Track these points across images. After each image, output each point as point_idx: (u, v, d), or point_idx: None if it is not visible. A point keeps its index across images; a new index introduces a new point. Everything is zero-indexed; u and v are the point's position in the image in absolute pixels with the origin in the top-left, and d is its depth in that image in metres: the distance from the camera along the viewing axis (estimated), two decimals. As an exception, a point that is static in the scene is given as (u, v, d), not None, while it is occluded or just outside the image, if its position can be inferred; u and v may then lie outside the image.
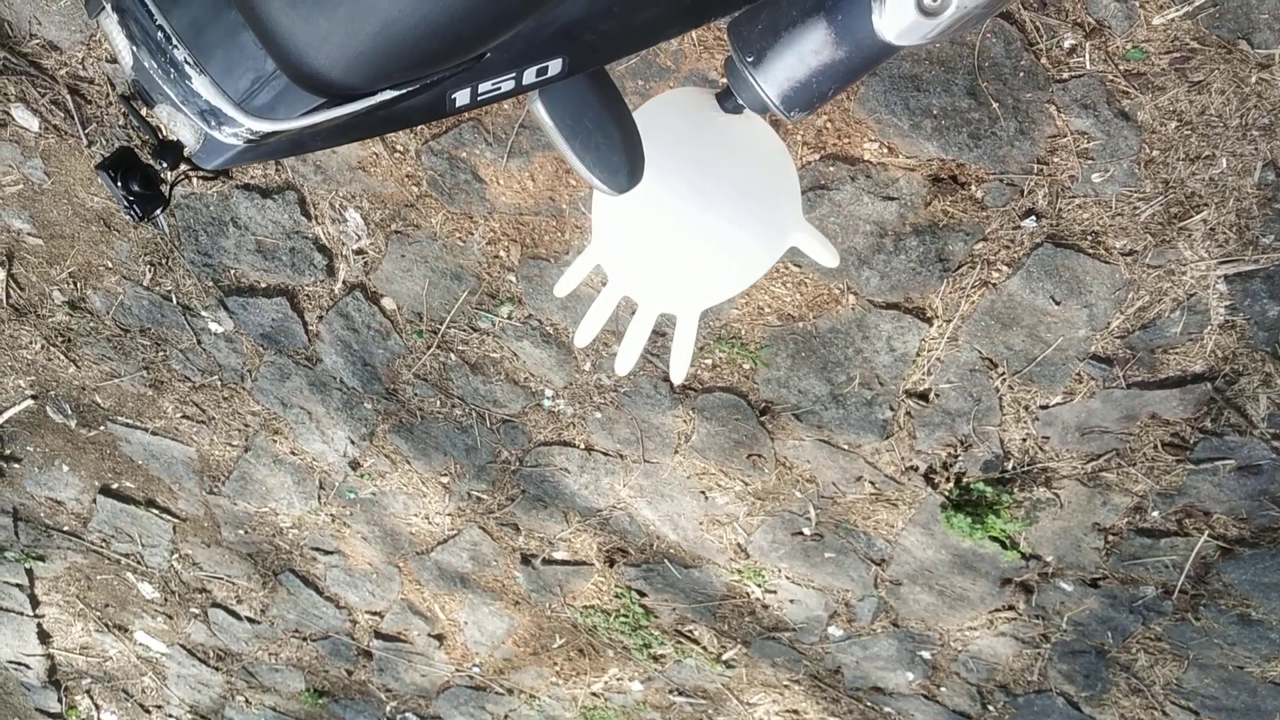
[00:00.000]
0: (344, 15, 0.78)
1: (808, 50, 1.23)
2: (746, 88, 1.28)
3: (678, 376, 1.48)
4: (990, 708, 3.44)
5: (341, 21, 0.79)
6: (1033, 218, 2.22)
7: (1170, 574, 2.79)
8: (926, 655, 3.34)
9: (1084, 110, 2.05)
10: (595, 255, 1.49)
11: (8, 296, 3.25)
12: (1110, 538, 2.77)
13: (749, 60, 1.27)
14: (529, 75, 0.97)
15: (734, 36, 1.29)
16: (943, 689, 3.44)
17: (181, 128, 1.07)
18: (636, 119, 1.35)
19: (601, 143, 1.09)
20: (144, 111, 1.09)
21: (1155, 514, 2.67)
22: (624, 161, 1.10)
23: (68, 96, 2.66)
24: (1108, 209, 2.16)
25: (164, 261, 2.97)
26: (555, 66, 0.96)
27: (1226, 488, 2.55)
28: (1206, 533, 2.66)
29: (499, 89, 0.98)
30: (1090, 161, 2.11)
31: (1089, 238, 2.22)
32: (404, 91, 0.91)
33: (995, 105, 2.07)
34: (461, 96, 0.98)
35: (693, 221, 1.37)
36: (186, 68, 0.88)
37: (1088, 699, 3.25)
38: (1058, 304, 2.32)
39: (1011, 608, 3.06)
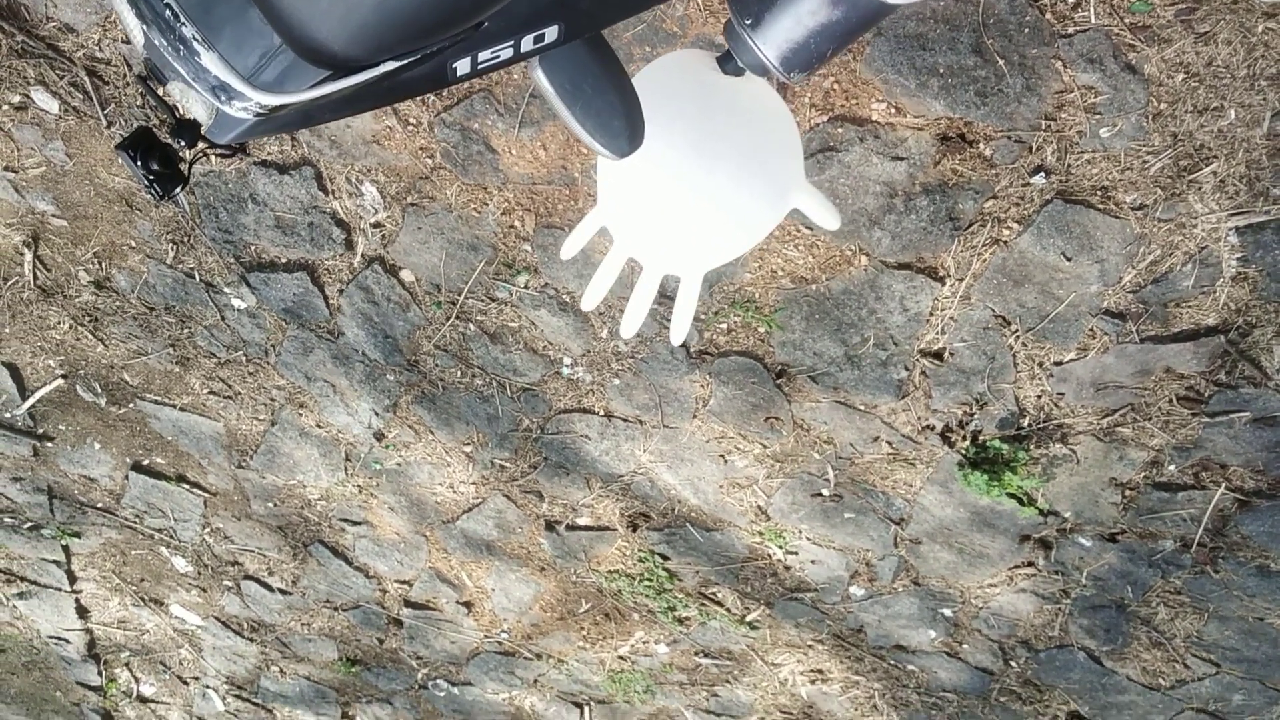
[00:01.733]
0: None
1: (805, 11, 1.25)
2: (746, 50, 1.30)
3: (677, 337, 1.51)
4: (1012, 663, 3.47)
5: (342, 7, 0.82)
6: (1042, 174, 2.22)
7: (1188, 527, 2.80)
8: (948, 613, 3.37)
9: (1090, 65, 2.05)
10: (600, 218, 1.51)
11: (35, 278, 3.31)
12: (1127, 493, 2.78)
13: (747, 23, 1.29)
14: (527, 43, 0.99)
15: (733, 1, 1.31)
16: (965, 646, 3.47)
17: (194, 104, 1.10)
18: (638, 83, 1.37)
19: (601, 108, 1.11)
20: (159, 89, 1.13)
21: (1172, 468, 2.69)
22: (624, 126, 1.13)
23: (85, 78, 2.70)
24: (1117, 163, 2.17)
25: (186, 240, 3.02)
26: (552, 33, 0.99)
27: (1242, 440, 2.56)
28: (1223, 485, 2.68)
29: (498, 57, 1.01)
30: (1098, 116, 2.11)
31: (1099, 193, 2.22)
32: (405, 62, 0.94)
33: (1001, 62, 2.07)
34: (462, 66, 1.01)
35: (695, 184, 1.39)
36: (195, 44, 0.91)
37: (1109, 653, 3.28)
38: (1069, 260, 2.33)
39: (1031, 564, 3.09)
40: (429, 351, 3.08)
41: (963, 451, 2.80)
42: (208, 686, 5.18)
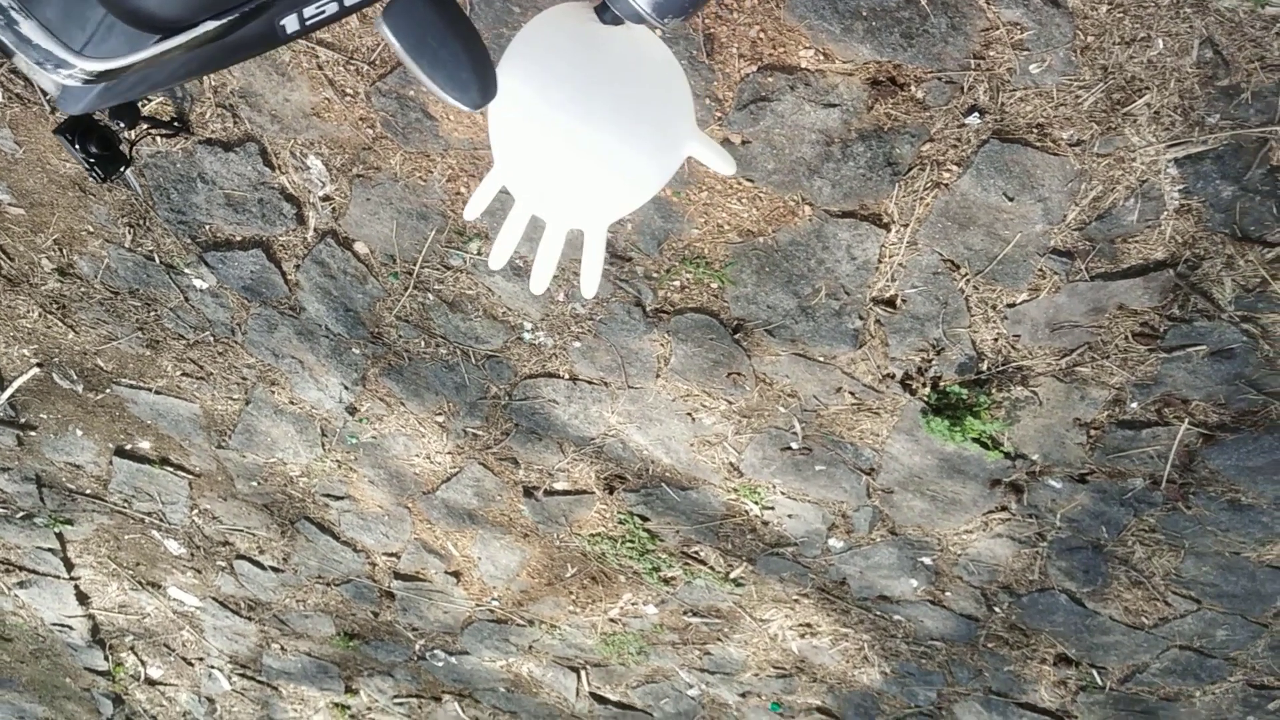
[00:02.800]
0: None
1: (671, -45, 1.23)
2: (619, 1, 1.28)
3: (588, 289, 1.50)
4: (996, 609, 3.46)
5: None
6: (976, 114, 2.20)
7: (1156, 464, 2.78)
8: (927, 561, 3.36)
9: (1013, 1, 2.01)
10: (499, 177, 1.50)
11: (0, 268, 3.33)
12: (1092, 432, 2.76)
13: (616, -29, 1.27)
14: None
15: (600, -51, 1.29)
16: (947, 594, 3.47)
17: (40, 77, 1.09)
18: (519, 41, 1.36)
19: (448, 59, 1.10)
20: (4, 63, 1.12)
21: (1134, 405, 2.66)
22: (472, 78, 1.11)
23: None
24: (1050, 100, 2.14)
25: (141, 222, 3.02)
26: (368, -15, 0.97)
27: (1201, 374, 2.53)
28: (1187, 421, 2.65)
29: (323, 13, 1.00)
30: (1026, 53, 2.08)
31: (1035, 130, 2.19)
32: (225, 21, 0.93)
33: (924, 2, 2.04)
34: (290, 23, 1.00)
35: (584, 138, 1.37)
36: (13, 13, 0.91)
37: (1090, 594, 3.27)
38: (1011, 200, 2.30)
39: (1004, 509, 3.07)
40: (391, 323, 3.08)
41: (925, 398, 2.79)
42: (212, 667, 5.24)
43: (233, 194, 2.83)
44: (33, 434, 4.06)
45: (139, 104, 2.56)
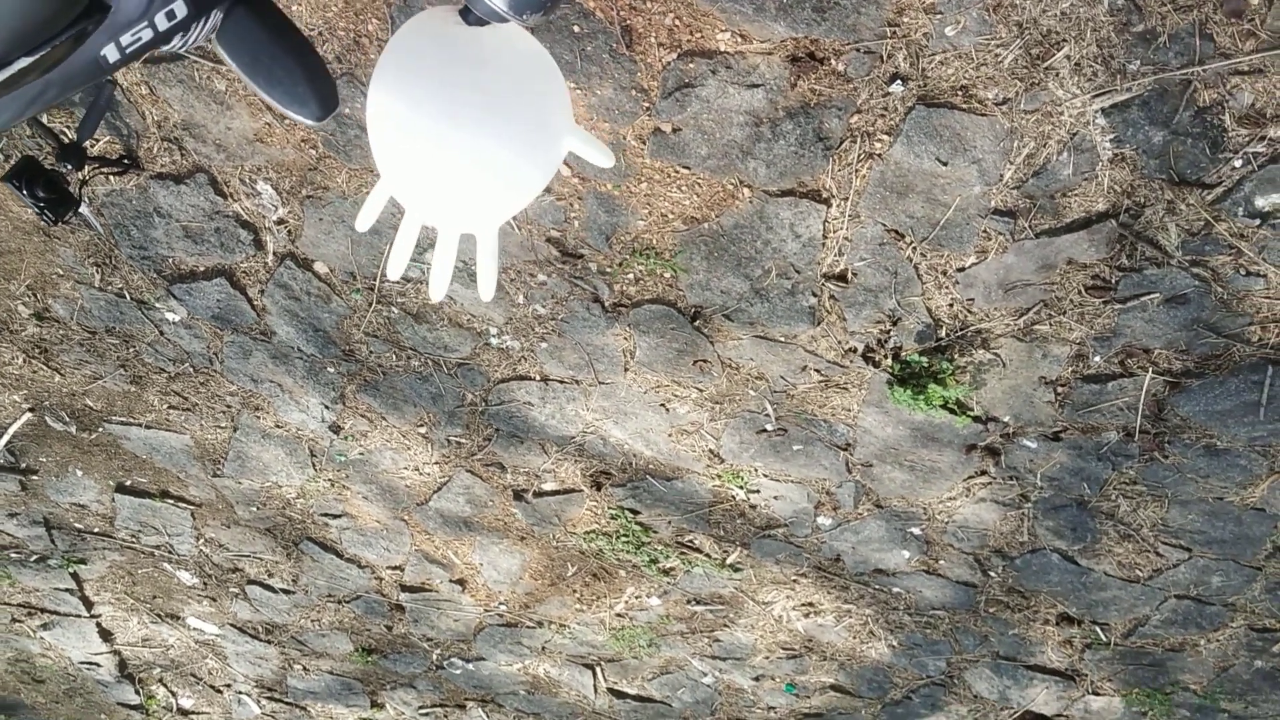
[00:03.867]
0: None
1: (520, -48, 1.24)
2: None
3: (485, 292, 1.51)
4: (991, 574, 3.46)
5: None
6: (899, 82, 2.20)
7: (1127, 416, 2.77)
8: (916, 531, 3.36)
9: (920, -35, 2.02)
10: (386, 189, 1.52)
11: (-20, 318, 3.38)
12: (1059, 389, 2.75)
13: (468, -29, 1.29)
14: (161, 21, 1.00)
15: (452, -48, 1.31)
16: (941, 562, 3.47)
17: None
18: (387, 52, 1.37)
19: (283, 76, 1.12)
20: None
21: (1097, 359, 2.66)
22: (309, 91, 1.13)
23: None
24: (970, 61, 2.14)
25: (108, 261, 3.07)
26: (180, 9, 1.00)
27: (1159, 322, 2.52)
28: (1151, 370, 2.64)
29: (140, 39, 1.02)
30: (940, 16, 2.08)
31: (959, 93, 2.19)
32: (39, 56, 0.96)
33: (831, -25, 2.05)
34: (110, 53, 1.02)
35: (459, 143, 1.39)
36: None
37: (1081, 551, 3.26)
38: (945, 164, 2.30)
39: (984, 473, 3.07)
40: (360, 339, 3.11)
41: (888, 370, 2.79)
42: (241, 692, 5.30)
43: (189, 225, 2.86)
44: (35, 478, 4.12)
45: (85, 146, 2.60)
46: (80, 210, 2.85)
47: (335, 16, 2.33)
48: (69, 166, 2.56)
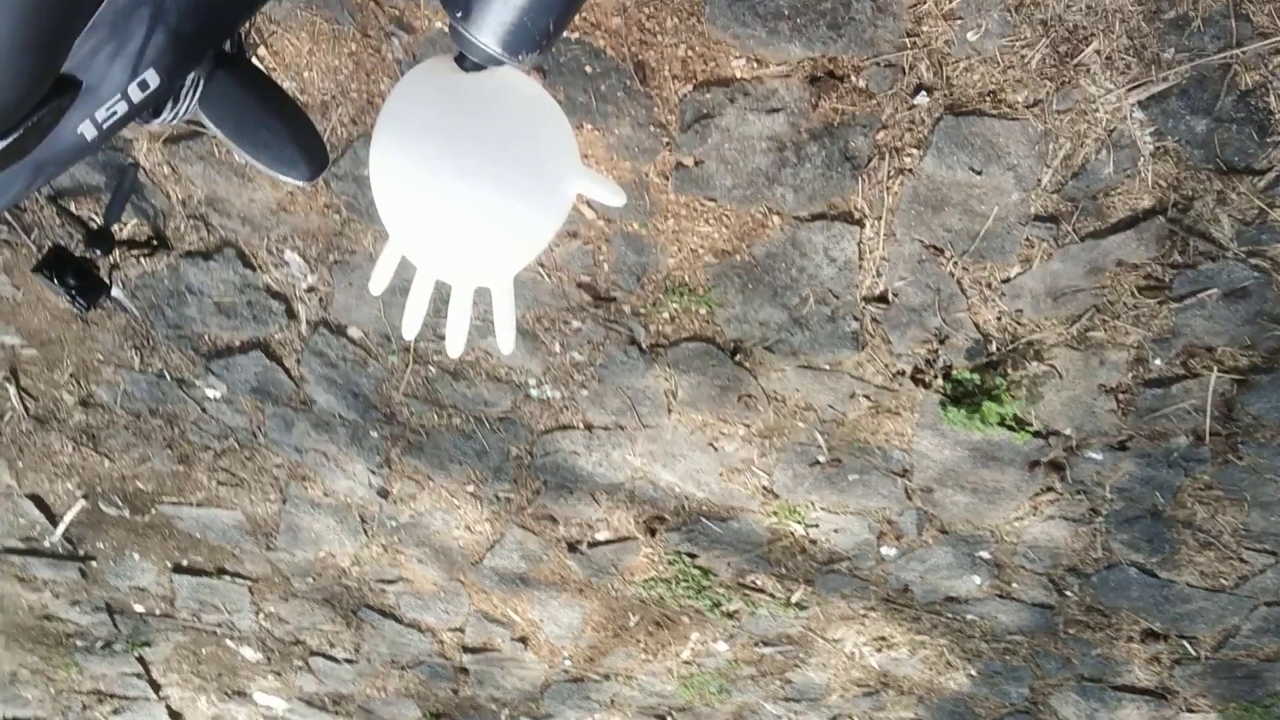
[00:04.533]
0: None
1: (507, -10, 1.20)
2: (467, 44, 1.25)
3: (505, 346, 1.45)
4: (1068, 593, 3.32)
5: None
6: (924, 93, 2.13)
7: (1195, 419, 2.65)
8: (985, 555, 3.24)
9: (934, -30, 1.96)
10: (396, 248, 1.47)
11: (26, 410, 3.40)
12: (1121, 396, 2.64)
13: (459, 16, 1.24)
14: (134, 92, 0.96)
15: (442, -5, 1.27)
16: (1014, 585, 3.34)
17: None
18: (385, 108, 1.33)
19: (269, 139, 1.08)
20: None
21: (1158, 362, 2.55)
22: (297, 152, 1.09)
23: (5, 211, 2.75)
24: (995, 64, 2.06)
25: (145, 343, 3.06)
26: (153, 79, 0.96)
27: (1220, 318, 2.41)
28: (1216, 369, 2.53)
29: (115, 113, 0.98)
30: (960, 21, 2.01)
31: (987, 98, 2.12)
32: (13, 139, 0.92)
33: (843, -11, 1.99)
34: (87, 129, 0.98)
35: (463, 195, 1.34)
36: None
37: (1160, 563, 3.12)
38: (979, 174, 2.23)
39: (1050, 489, 2.96)
40: (400, 401, 3.08)
41: (940, 390, 2.70)
42: (313, 765, 5.26)
43: (221, 301, 2.85)
44: (94, 564, 4.13)
45: (113, 230, 2.60)
46: (113, 295, 2.85)
47: (346, 79, 2.31)
48: (98, 252, 2.56)
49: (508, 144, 1.38)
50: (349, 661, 4.40)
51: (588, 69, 2.19)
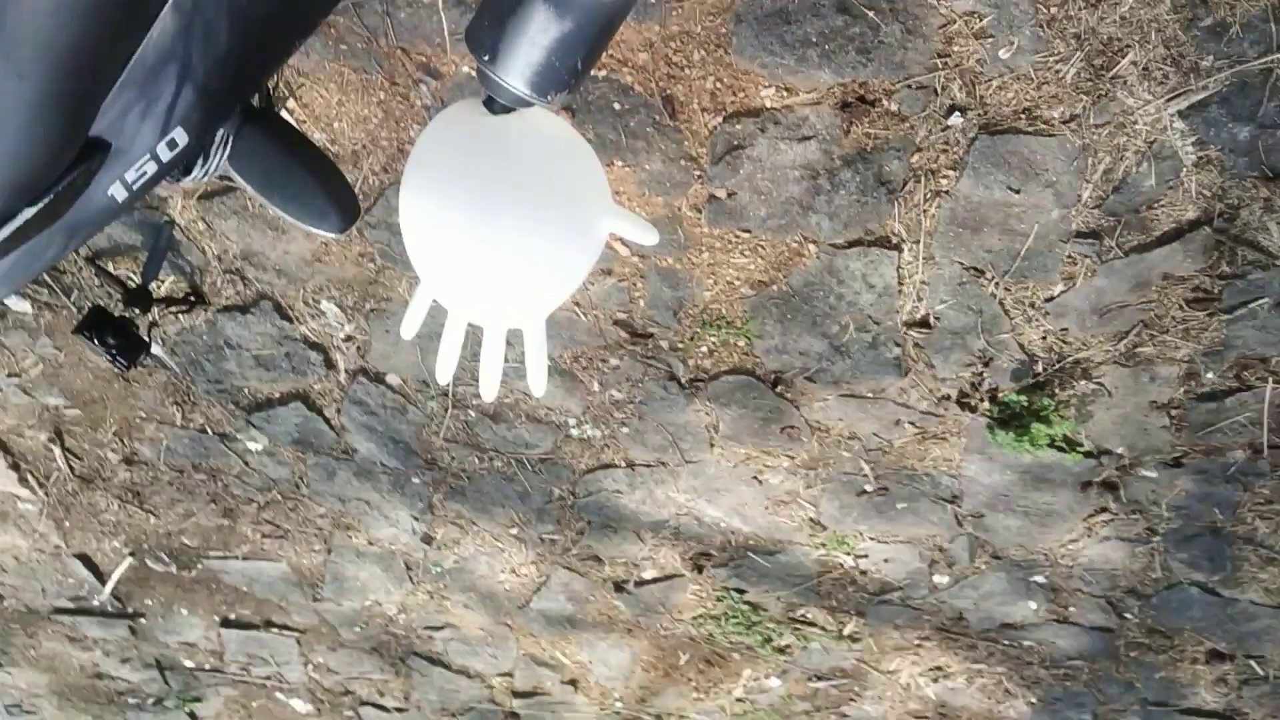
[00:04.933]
0: None
1: (535, 31, 1.18)
2: (495, 86, 1.24)
3: (537, 388, 1.43)
4: (1127, 616, 3.24)
5: None
6: (957, 113, 2.10)
7: (1252, 432, 2.59)
8: (1040, 580, 3.17)
9: (962, -10, 1.93)
10: (427, 292, 1.46)
11: (71, 470, 3.41)
12: (1173, 412, 2.58)
13: (486, 59, 1.23)
14: (163, 152, 0.95)
15: (469, 40, 1.25)
16: (1071, 609, 3.27)
17: None
18: (413, 154, 1.32)
19: (298, 192, 1.07)
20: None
21: (1210, 375, 2.49)
22: (327, 203, 1.08)
23: (44, 274, 2.78)
24: (1029, 81, 2.03)
25: (186, 398, 3.07)
26: (181, 137, 0.95)
27: (1272, 328, 2.35)
28: (1271, 380, 2.46)
29: (145, 174, 0.97)
30: (991, 39, 1.98)
31: (1022, 116, 2.09)
32: (44, 205, 0.91)
33: (871, 13, 1.97)
34: (118, 191, 0.98)
35: (494, 237, 1.32)
36: None
37: (1222, 581, 3.04)
38: (1017, 192, 2.19)
39: (1104, 510, 2.89)
40: (441, 446, 3.06)
41: (987, 413, 2.65)
42: (367, 816, 5.22)
43: (260, 354, 2.86)
44: (142, 621, 4.13)
45: (151, 288, 2.62)
46: (153, 352, 2.87)
47: (376, 128, 2.31)
48: (137, 311, 2.57)
49: (538, 185, 1.36)
50: (399, 710, 4.37)
51: (616, 106, 2.18)
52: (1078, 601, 3.22)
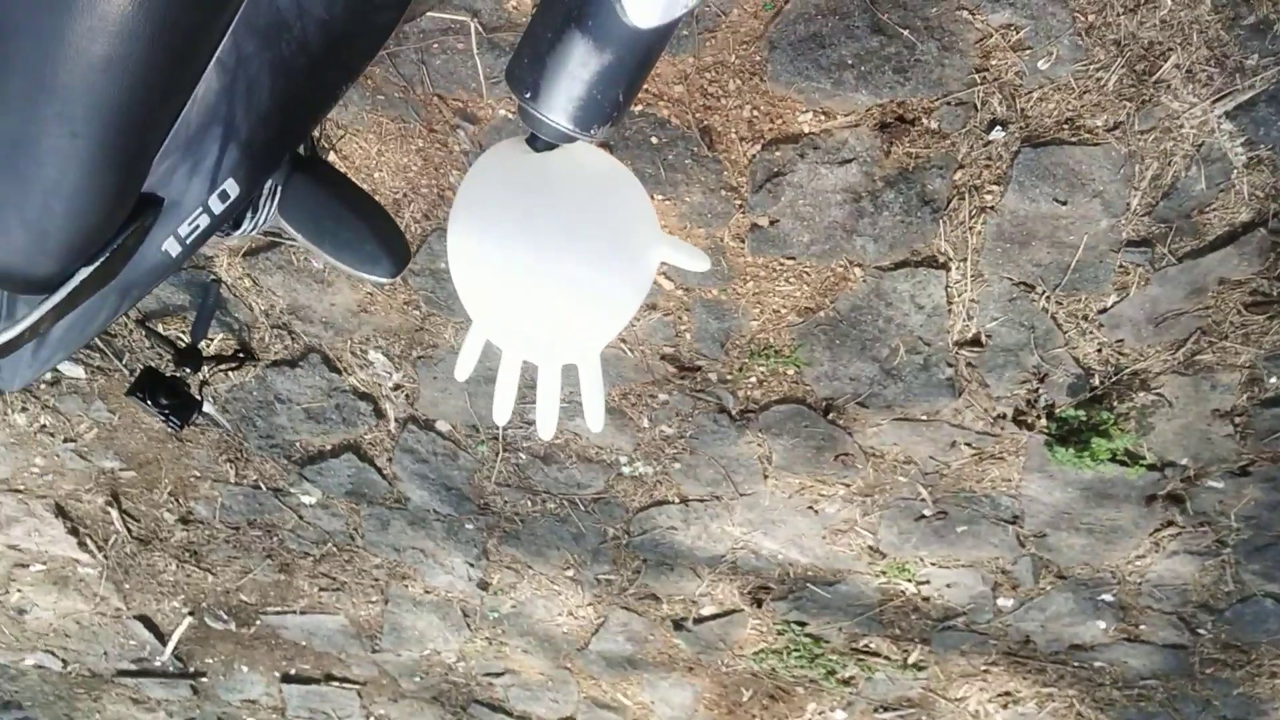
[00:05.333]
0: (11, 218, 0.80)
1: (575, 66, 1.18)
2: (538, 123, 1.24)
3: (595, 424, 1.42)
4: (1201, 631, 3.16)
5: (10, 221, 0.81)
6: (999, 128, 2.08)
7: (1320, 436, 2.52)
8: (1108, 598, 3.10)
9: (998, 2, 1.91)
10: (480, 332, 1.45)
11: (129, 532, 3.44)
12: (1237, 420, 2.52)
13: (527, 97, 1.23)
14: (215, 204, 0.96)
15: (509, 79, 1.26)
16: (1142, 627, 3.19)
17: None
18: (459, 195, 1.32)
19: (349, 238, 1.07)
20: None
21: (1273, 380, 2.43)
22: (378, 249, 1.07)
23: (97, 336, 2.81)
24: (1070, 91, 2.01)
25: (239, 455, 3.09)
26: (232, 188, 0.95)
27: (1335, 328, 2.30)
28: (1337, 381, 2.41)
29: (198, 227, 0.97)
30: (1029, 51, 1.96)
31: (1065, 126, 2.06)
32: (100, 263, 0.91)
33: (906, 32, 1.96)
34: (172, 246, 0.98)
35: (544, 273, 1.32)
36: None
37: (1297, 592, 2.96)
38: (1064, 204, 2.16)
39: (1171, 523, 2.82)
40: (493, 491, 3.05)
41: (1044, 430, 2.60)
42: None
43: (310, 406, 2.87)
44: (204, 680, 4.14)
45: (201, 347, 2.64)
46: (204, 410, 2.89)
47: (416, 176, 2.33)
48: (188, 370, 2.59)
49: (586, 218, 1.35)
50: (462, 760, 4.34)
51: (654, 140, 2.17)
52: (1148, 619, 3.14)
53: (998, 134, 2.08)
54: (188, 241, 0.97)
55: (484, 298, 1.43)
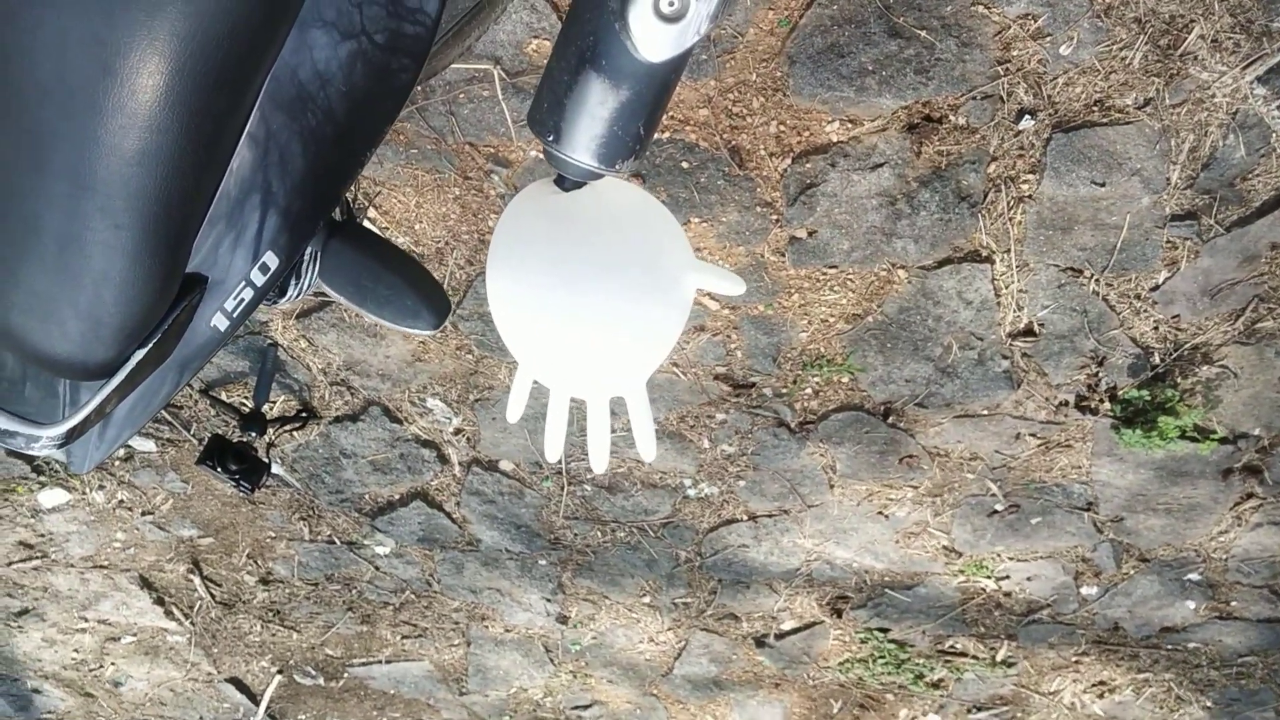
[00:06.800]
0: (65, 310, 0.84)
1: (594, 105, 1.20)
2: (563, 164, 1.26)
3: (647, 454, 1.43)
4: (1295, 603, 3.09)
5: (65, 313, 0.84)
6: (1027, 117, 2.07)
7: (1395, 393, 2.46)
8: (1195, 577, 3.04)
9: (1012, -6, 1.91)
10: (527, 373, 1.47)
11: (213, 598, 3.51)
12: (1307, 385, 2.48)
13: (550, 139, 1.25)
14: (257, 277, 0.99)
15: (531, 124, 1.28)
16: (1233, 604, 3.12)
17: (38, 453, 1.14)
18: (494, 242, 1.35)
19: (388, 295, 1.09)
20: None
21: (1340, 341, 2.38)
22: (417, 302, 1.10)
23: (162, 411, 2.88)
24: (1096, 72, 1.99)
25: (311, 512, 3.14)
26: (272, 261, 0.98)
27: (1398, 282, 2.25)
28: (1406, 336, 2.35)
29: (243, 300, 1.00)
30: (1049, 38, 1.95)
31: (1095, 108, 2.04)
32: (154, 344, 0.94)
33: (923, 33, 1.96)
34: (220, 321, 1.01)
35: (584, 310, 1.34)
36: None
37: (1391, 554, 2.88)
38: (1103, 186, 2.14)
39: (1250, 495, 2.77)
40: (562, 525, 3.08)
41: (1109, 414, 2.57)
42: None
43: (375, 459, 2.91)
44: (298, 737, 4.20)
45: (264, 411, 2.70)
46: (273, 472, 2.95)
47: (456, 223, 2.36)
48: (254, 434, 2.65)
49: (620, 251, 1.37)
50: (559, 795, 4.35)
51: (684, 164, 2.19)
52: (1239, 595, 3.07)
53: (1027, 123, 2.07)
54: (234, 315, 1.00)
55: (526, 338, 1.45)
